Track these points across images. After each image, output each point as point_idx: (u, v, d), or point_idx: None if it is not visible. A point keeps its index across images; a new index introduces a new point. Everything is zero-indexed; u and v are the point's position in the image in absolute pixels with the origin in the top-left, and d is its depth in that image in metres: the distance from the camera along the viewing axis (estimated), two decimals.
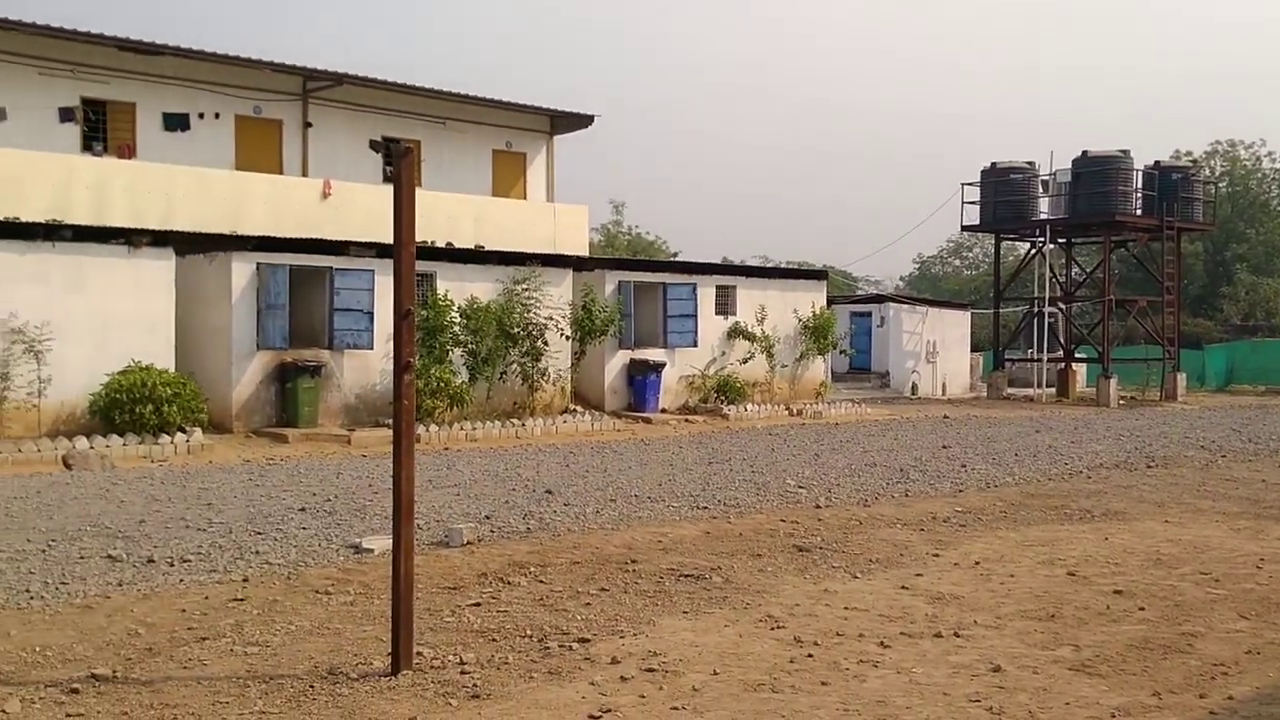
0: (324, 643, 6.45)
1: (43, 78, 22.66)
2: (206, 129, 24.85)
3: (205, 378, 17.97)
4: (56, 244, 16.79)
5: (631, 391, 23.10)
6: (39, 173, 20.59)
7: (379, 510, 10.74)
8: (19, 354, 16.15)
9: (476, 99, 28.45)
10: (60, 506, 10.65)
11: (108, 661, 5.99)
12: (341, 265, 19.38)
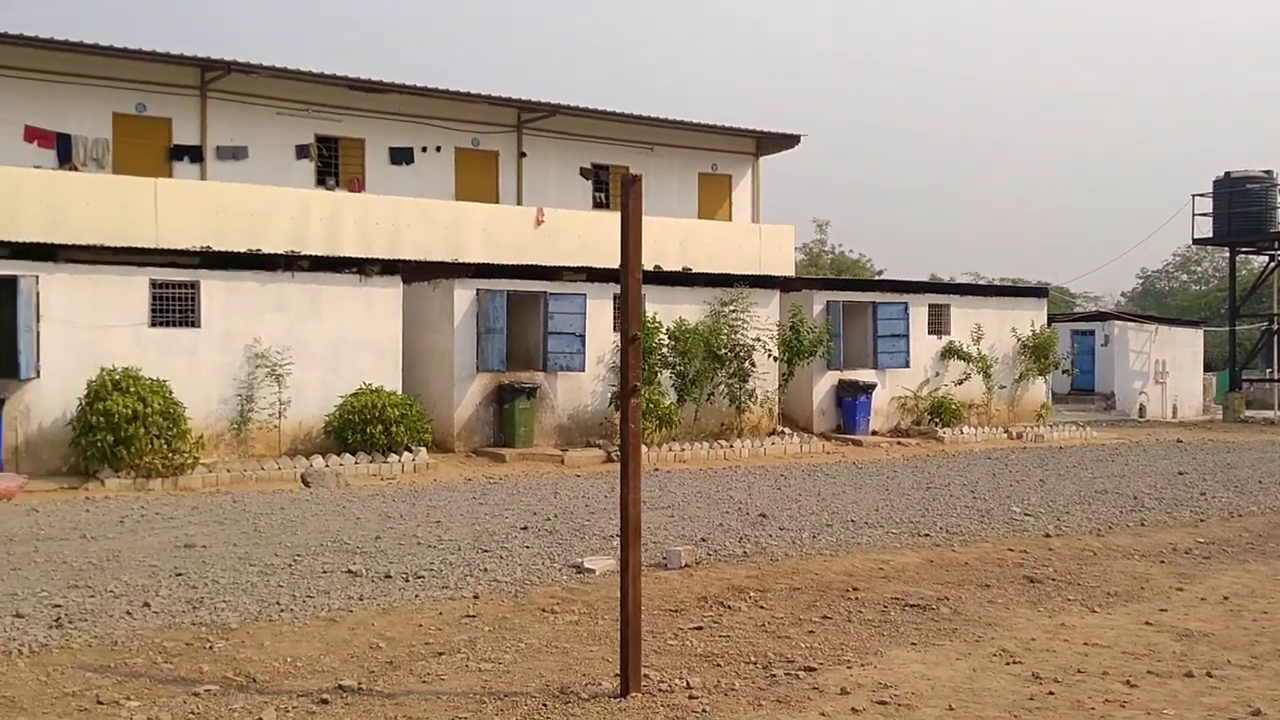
0: (553, 661, 6.57)
1: (281, 117, 24.22)
2: (429, 161, 26.01)
3: (429, 399, 18.73)
4: (295, 274, 17.86)
5: (840, 413, 22.78)
6: (278, 207, 21.97)
7: (597, 530, 10.92)
8: (262, 377, 17.22)
9: (684, 123, 28.76)
10: (302, 523, 11.27)
11: (353, 673, 6.27)
12: (555, 290, 19.88)
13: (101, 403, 14.98)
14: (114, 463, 14.98)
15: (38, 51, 21.58)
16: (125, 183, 20.86)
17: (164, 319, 16.72)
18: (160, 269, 16.87)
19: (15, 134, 21.74)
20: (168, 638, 6.81)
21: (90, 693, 5.83)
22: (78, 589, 7.98)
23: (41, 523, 11.21)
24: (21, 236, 17.51)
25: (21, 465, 15.33)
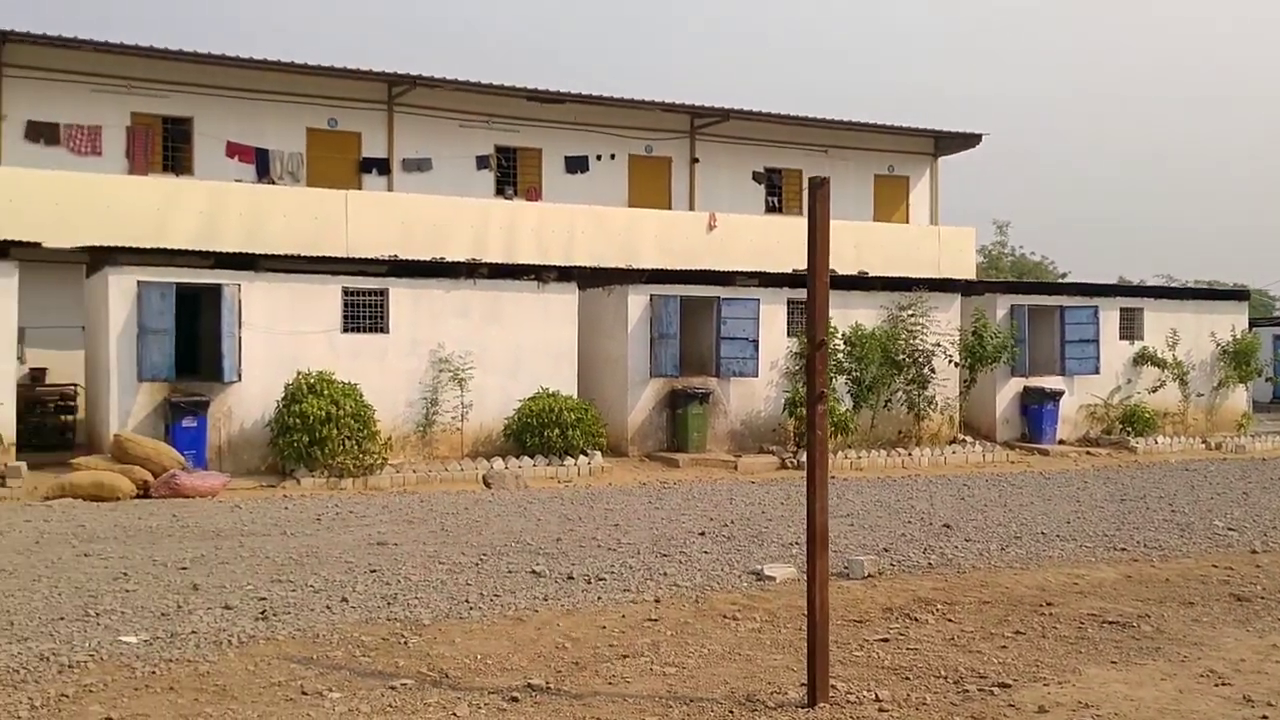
0: (737, 668, 6.53)
1: (463, 130, 24.98)
2: (603, 169, 26.39)
3: (603, 403, 18.94)
4: (476, 281, 18.35)
5: (1025, 421, 22.00)
6: (460, 216, 22.64)
7: (775, 537, 10.83)
8: (445, 381, 17.74)
9: (860, 125, 28.38)
10: (486, 523, 11.55)
11: (540, 673, 6.37)
12: (728, 295, 19.84)
13: (297, 405, 15.70)
14: (309, 462, 15.68)
15: (239, 71, 22.83)
16: (318, 195, 21.85)
17: (355, 325, 17.41)
18: (351, 277, 17.59)
19: (218, 150, 23.07)
20: (365, 632, 7.06)
21: (295, 683, 6.09)
22: (280, 583, 8.36)
23: (245, 519, 11.81)
24: (224, 247, 18.53)
25: (224, 464, 16.19)
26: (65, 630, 6.91)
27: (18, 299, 15.56)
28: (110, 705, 5.65)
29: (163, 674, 6.17)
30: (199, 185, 21.33)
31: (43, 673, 6.10)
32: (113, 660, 6.34)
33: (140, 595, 7.88)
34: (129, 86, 22.40)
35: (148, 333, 15.84)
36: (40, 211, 18.83)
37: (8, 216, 18.33)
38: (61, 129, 21.94)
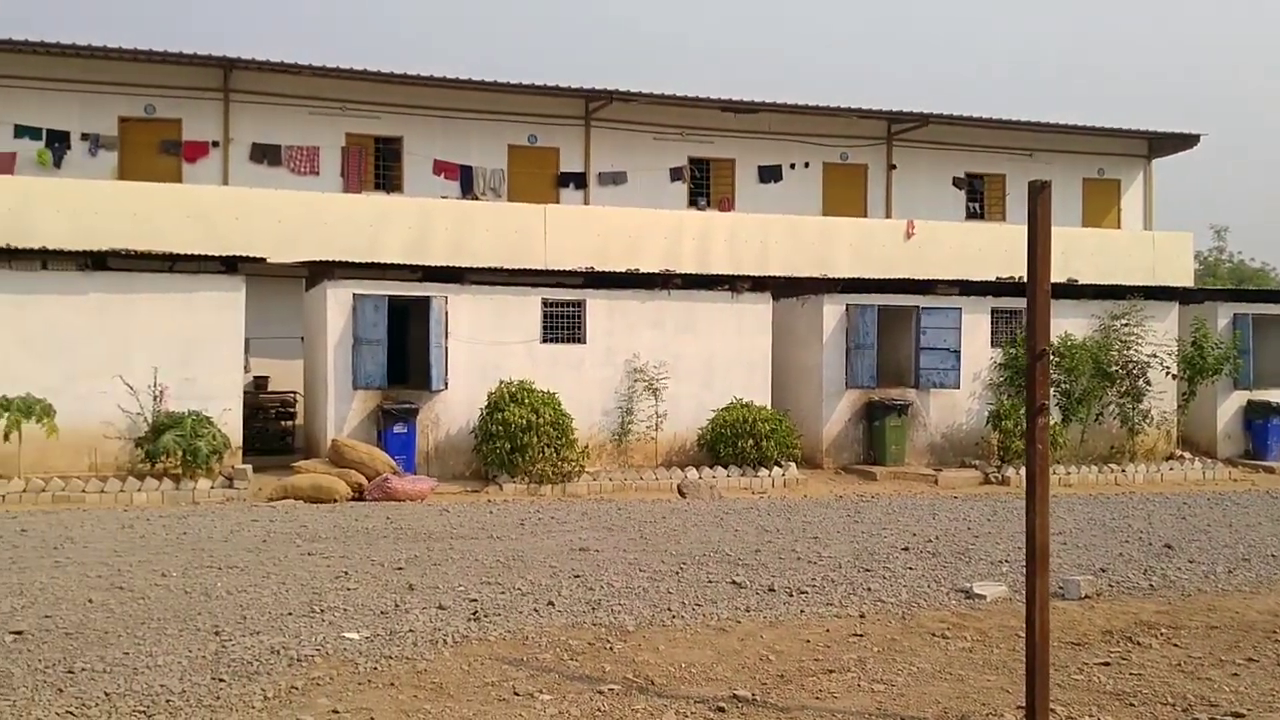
0: (948, 688, 6.33)
1: (657, 142, 25.26)
2: (797, 178, 26.22)
3: (797, 414, 18.76)
4: (671, 292, 18.49)
5: (1249, 437, 20.67)
6: (654, 227, 22.87)
7: (982, 554, 10.48)
8: (640, 391, 17.93)
9: (1067, 127, 27.29)
10: (684, 532, 11.59)
11: (745, 684, 6.33)
12: (927, 304, 19.37)
13: (500, 413, 16.15)
14: (510, 469, 16.11)
15: (445, 91, 23.71)
16: (518, 209, 22.47)
17: (553, 335, 17.80)
18: (550, 289, 18.00)
19: (426, 168, 24.01)
20: (572, 636, 7.18)
21: (507, 683, 6.24)
22: (490, 585, 8.59)
23: (453, 522, 12.21)
24: (431, 260, 19.26)
25: (431, 469, 16.81)
26: (293, 625, 7.27)
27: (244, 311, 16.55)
28: (336, 699, 5.91)
29: (383, 670, 6.41)
30: (408, 202, 22.25)
31: (274, 665, 6.43)
32: (337, 655, 6.64)
33: (360, 594, 8.24)
34: (344, 109, 23.58)
35: (362, 343, 16.60)
36: (264, 229, 20.00)
37: (236, 234, 19.54)
38: (283, 150, 23.27)
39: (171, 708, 5.70)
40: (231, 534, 11.15)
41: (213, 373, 16.11)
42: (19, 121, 21.72)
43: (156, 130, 22.66)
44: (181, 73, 22.53)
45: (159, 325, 15.91)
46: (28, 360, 15.28)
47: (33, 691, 5.87)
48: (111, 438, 15.53)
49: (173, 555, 9.82)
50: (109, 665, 6.33)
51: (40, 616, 7.39)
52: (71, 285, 15.71)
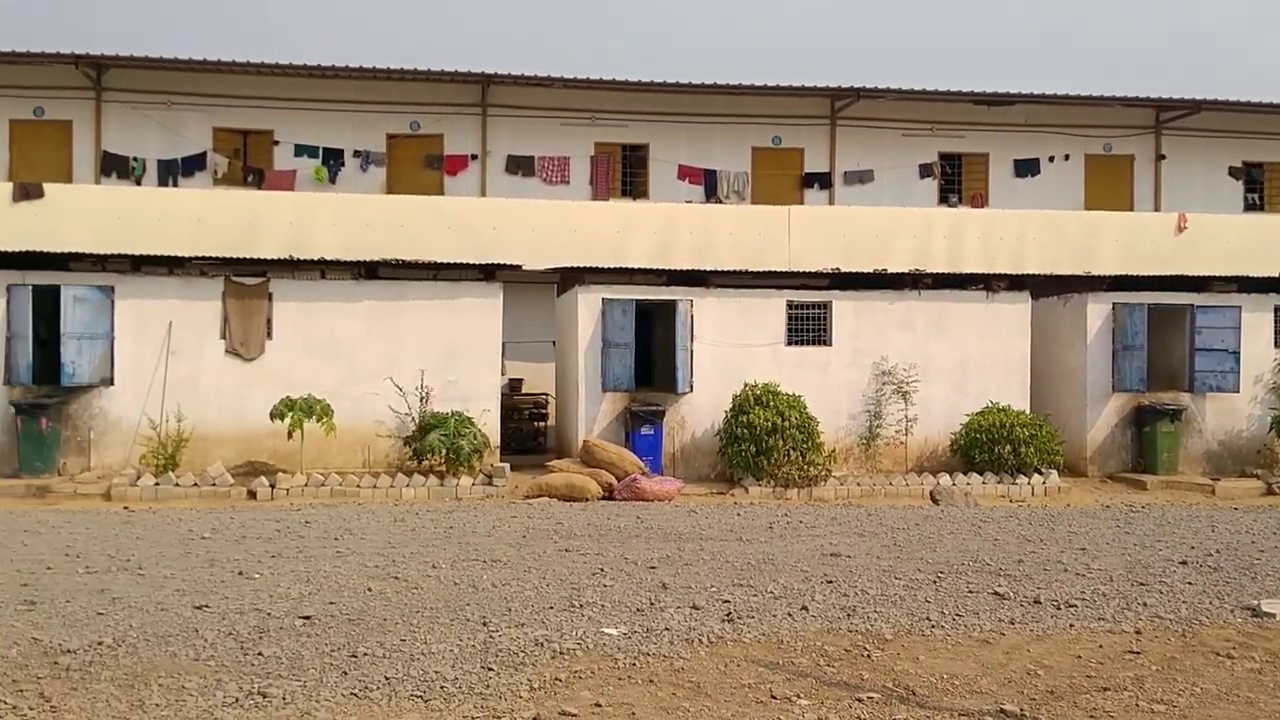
0: (1236, 711, 5.87)
1: (905, 139, 24.69)
2: (1055, 171, 25.06)
3: (1058, 419, 17.91)
4: (920, 292, 18.01)
5: None
6: (902, 226, 22.28)
7: (1270, 570, 9.68)
8: (889, 394, 17.56)
9: None
10: (939, 540, 11.24)
11: (1012, 699, 6.06)
12: (1203, 302, 18.11)
13: (745, 415, 16.16)
14: (755, 471, 16.09)
15: (689, 96, 23.99)
16: (762, 211, 22.40)
17: (798, 338, 17.67)
18: (795, 290, 17.87)
19: (670, 173, 24.35)
20: (828, 641, 7.07)
21: (764, 686, 6.20)
22: (742, 588, 8.59)
23: (701, 524, 12.29)
24: (676, 265, 19.47)
25: (677, 470, 17.00)
26: (555, 619, 7.49)
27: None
28: (598, 692, 6.04)
29: (642, 666, 6.51)
30: (653, 208, 22.60)
31: (538, 657, 6.63)
32: (597, 650, 6.78)
33: (616, 590, 8.40)
34: (593, 119, 24.22)
35: (610, 346, 16.98)
36: (519, 237, 20.75)
37: (493, 242, 20.37)
38: (535, 161, 24.13)
39: (446, 693, 5.96)
40: (493, 529, 11.61)
41: (473, 375, 16.86)
42: (299, 141, 23.42)
43: (421, 145, 23.96)
44: (444, 90, 23.73)
45: (424, 330, 16.79)
46: (309, 364, 16.44)
47: (320, 673, 6.27)
48: (382, 436, 16.50)
49: (441, 548, 10.31)
50: (388, 651, 6.69)
51: (325, 603, 7.90)
52: (346, 293, 16.78)
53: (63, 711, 5.61)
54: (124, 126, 23.03)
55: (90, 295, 15.96)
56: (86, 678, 6.13)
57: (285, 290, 16.57)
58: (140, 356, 16.15)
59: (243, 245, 18.94)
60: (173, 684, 6.04)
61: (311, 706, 5.74)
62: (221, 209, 20.20)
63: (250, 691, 5.92)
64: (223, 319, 16.37)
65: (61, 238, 18.89)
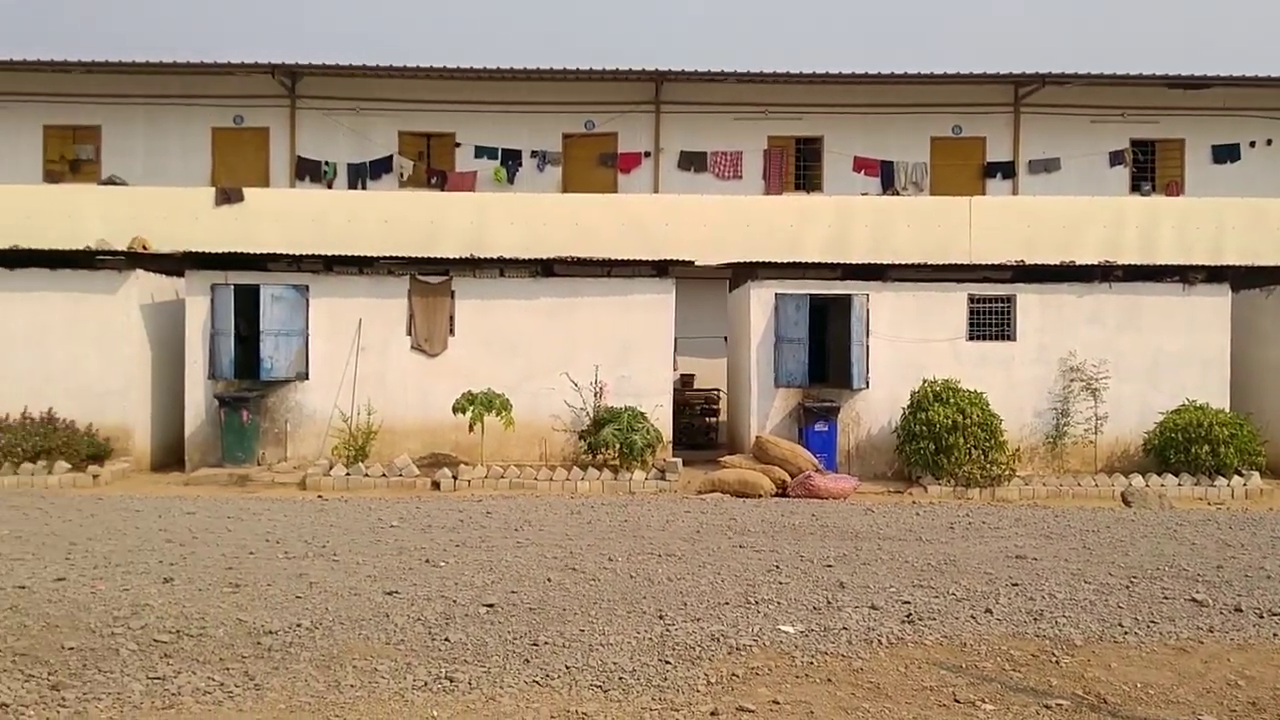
0: None
1: (1094, 125, 23.72)
2: (1258, 157, 23.67)
3: (1260, 418, 16.91)
4: (1111, 284, 17.25)
5: None
6: (1090, 216, 21.42)
7: None
8: (1077, 391, 16.89)
9: None
10: (1131, 543, 10.75)
11: (1212, 709, 5.77)
12: None
13: (923, 412, 15.81)
14: (935, 470, 15.72)
15: (865, 87, 23.63)
16: (941, 203, 21.87)
17: (980, 332, 17.17)
18: (976, 284, 17.37)
19: (845, 166, 24.02)
20: (1013, 646, 6.86)
21: (946, 689, 6.06)
22: (921, 588, 8.41)
23: (879, 523, 12.08)
24: (851, 258, 19.20)
25: (852, 468, 16.76)
26: (730, 615, 7.49)
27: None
28: (775, 690, 6.01)
29: (819, 665, 6.45)
30: (827, 201, 22.31)
31: (714, 652, 6.65)
32: (774, 647, 6.75)
33: (792, 588, 8.34)
34: (766, 113, 24.11)
35: (784, 341, 16.86)
36: (691, 233, 20.82)
37: (665, 239, 20.51)
38: (708, 156, 24.19)
39: (624, 685, 6.04)
40: (667, 524, 11.69)
41: (646, 371, 17.02)
42: (479, 143, 24.09)
43: (595, 144, 24.32)
44: (618, 89, 24.02)
45: (599, 326, 17.04)
46: (488, 359, 16.90)
47: (504, 660, 6.44)
48: (558, 430, 16.82)
49: (617, 541, 10.44)
50: (568, 640, 6.82)
51: (507, 591, 8.11)
52: (524, 290, 17.17)
53: (265, 689, 5.92)
54: (316, 132, 24.13)
55: (287, 294, 16.78)
56: (287, 658, 6.45)
57: (466, 288, 17.06)
58: (332, 352, 16.90)
59: (426, 245, 19.62)
60: (366, 666, 6.31)
61: (496, 692, 5.90)
62: (406, 210, 20.98)
63: (438, 676, 6.13)
64: (408, 316, 16.97)
65: (259, 239, 19.97)
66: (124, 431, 16.65)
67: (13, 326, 16.66)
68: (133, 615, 7.25)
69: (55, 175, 23.90)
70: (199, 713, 5.58)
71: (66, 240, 19.06)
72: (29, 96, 23.98)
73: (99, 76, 23.47)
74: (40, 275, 16.74)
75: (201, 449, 16.66)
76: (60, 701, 5.66)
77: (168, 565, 8.97)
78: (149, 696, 5.77)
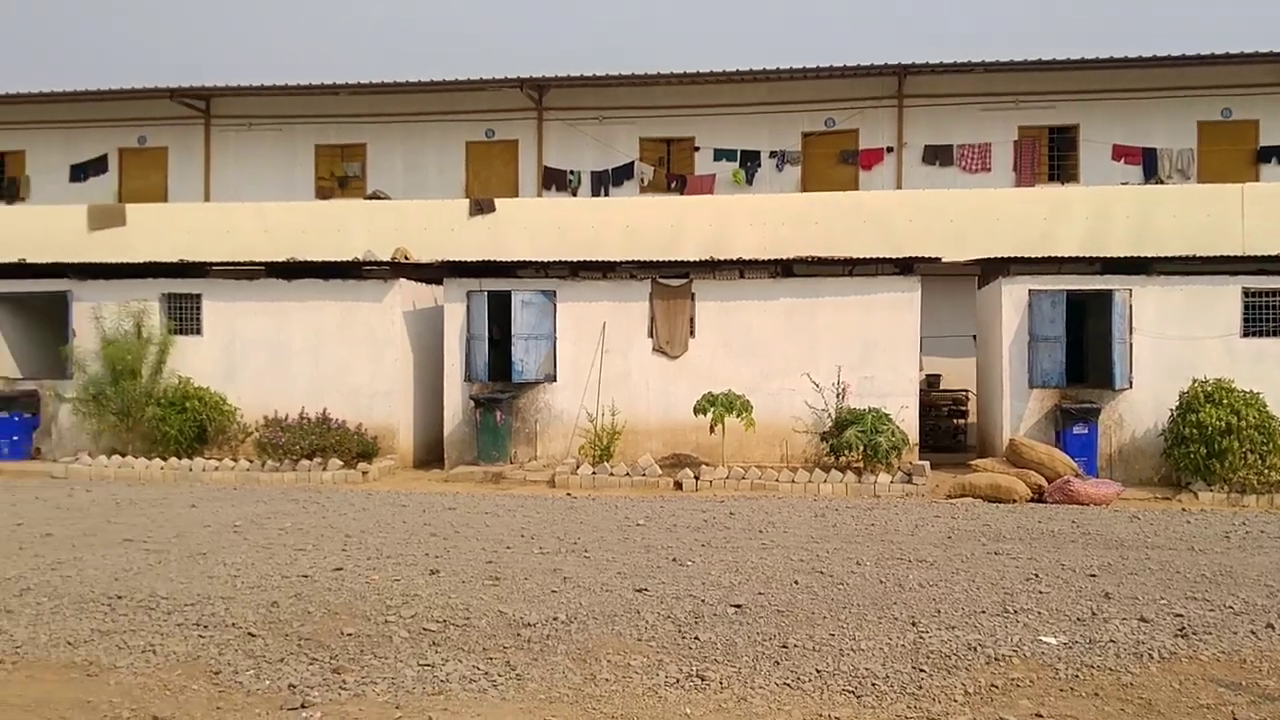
0: None
1: None
2: None
3: None
4: None
5: None
6: None
7: None
8: None
9: None
10: None
11: None
12: None
13: (1193, 414, 14.82)
14: (1206, 475, 14.71)
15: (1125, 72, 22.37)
16: (1209, 191, 20.45)
17: (1256, 328, 15.95)
18: (1251, 276, 16.14)
19: (1103, 154, 22.83)
20: None
21: (1224, 707, 5.67)
22: (1195, 600, 7.88)
23: (1145, 530, 11.41)
24: (1109, 252, 18.18)
25: (1114, 472, 15.88)
26: (987, 624, 7.24)
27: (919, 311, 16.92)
28: (1038, 702, 5.77)
29: (1085, 679, 6.14)
30: (1083, 192, 21.24)
31: (971, 661, 6.44)
32: (1035, 659, 6.48)
33: (1052, 598, 7.98)
34: (1016, 102, 23.20)
35: (1038, 340, 16.17)
36: (936, 229, 20.27)
37: (908, 236, 20.05)
38: (954, 150, 23.49)
39: (877, 691, 5.94)
40: (916, 528, 11.42)
41: (890, 371, 16.69)
42: (717, 146, 24.26)
43: (835, 142, 24.05)
44: (858, 85, 23.66)
45: (840, 326, 16.83)
46: (728, 360, 16.98)
47: (753, 661, 6.45)
48: (799, 431, 16.71)
49: (863, 545, 10.28)
50: (817, 644, 6.76)
51: (754, 593, 8.12)
52: (764, 291, 17.15)
53: (526, 680, 6.15)
54: (562, 142, 24.91)
55: (535, 299, 17.39)
56: (545, 650, 6.69)
57: (706, 290, 17.20)
58: (578, 355, 17.39)
59: (667, 248, 19.91)
60: (620, 661, 6.46)
61: (747, 693, 5.92)
62: (647, 215, 21.37)
63: (690, 674, 6.21)
64: (650, 319, 17.27)
65: (509, 247, 20.79)
66: (389, 431, 17.69)
67: (291, 334, 17.99)
68: (403, 604, 7.69)
69: (325, 191, 25.64)
70: (466, 700, 5.86)
71: (336, 252, 20.41)
72: (302, 119, 25.83)
73: (365, 97, 25.02)
74: (314, 285, 18.00)
75: (459, 447, 17.48)
76: (341, 684, 6.06)
77: (433, 558, 9.47)
78: (420, 683, 6.10)
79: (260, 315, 18.05)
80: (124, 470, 16.60)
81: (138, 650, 6.66)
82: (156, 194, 25.79)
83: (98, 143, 26.43)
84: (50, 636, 6.93)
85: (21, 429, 18.04)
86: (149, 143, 26.37)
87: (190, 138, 26.17)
